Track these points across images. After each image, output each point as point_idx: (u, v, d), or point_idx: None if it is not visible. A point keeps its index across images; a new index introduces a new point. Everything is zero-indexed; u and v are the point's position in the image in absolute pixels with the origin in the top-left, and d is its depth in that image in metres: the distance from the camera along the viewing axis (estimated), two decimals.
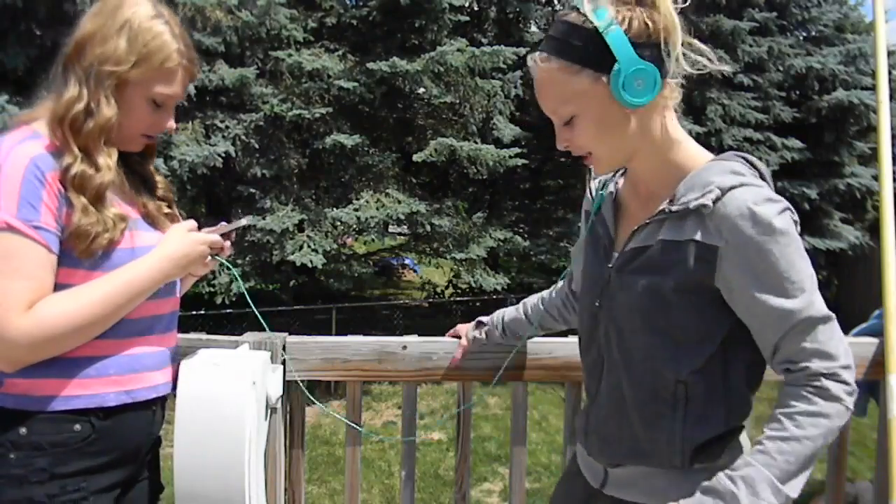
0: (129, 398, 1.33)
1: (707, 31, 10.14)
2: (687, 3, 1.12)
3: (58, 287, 1.25)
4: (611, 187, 1.32)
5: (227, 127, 7.19)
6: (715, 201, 1.09)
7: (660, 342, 1.15)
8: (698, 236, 1.11)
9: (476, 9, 9.17)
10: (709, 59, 1.16)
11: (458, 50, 7.37)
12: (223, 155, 6.77)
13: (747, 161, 1.19)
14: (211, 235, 1.46)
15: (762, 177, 1.18)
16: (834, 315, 1.12)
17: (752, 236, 1.07)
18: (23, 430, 1.24)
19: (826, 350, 1.10)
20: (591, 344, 1.28)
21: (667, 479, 1.19)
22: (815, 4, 11.05)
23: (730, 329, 1.15)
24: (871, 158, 10.99)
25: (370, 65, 7.29)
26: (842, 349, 1.10)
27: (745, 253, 1.08)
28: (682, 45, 1.13)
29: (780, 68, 10.61)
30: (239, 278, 1.75)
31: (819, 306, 1.10)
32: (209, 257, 1.45)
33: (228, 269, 1.57)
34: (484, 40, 8.68)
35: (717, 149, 8.76)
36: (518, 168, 8.08)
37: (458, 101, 8.08)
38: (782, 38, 10.68)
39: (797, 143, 10.32)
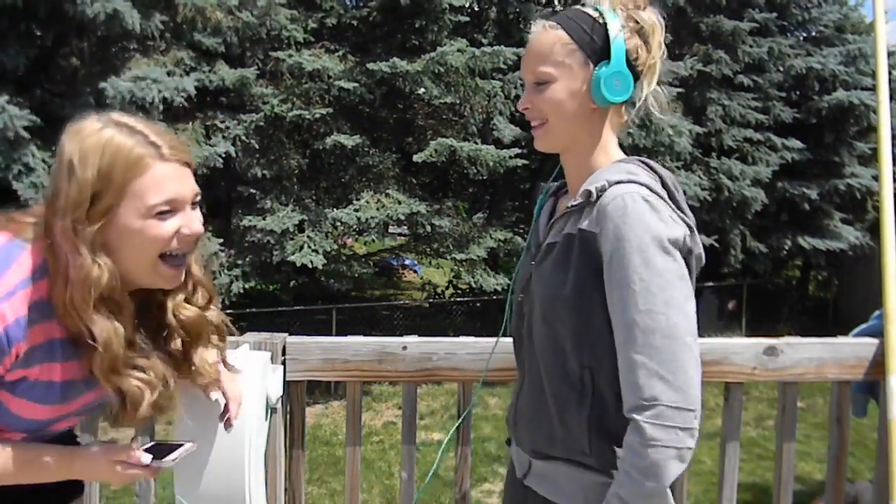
0: None
1: (707, 32, 10.15)
2: (664, 55, 1.28)
3: None
4: (551, 200, 1.42)
5: (227, 127, 7.19)
6: (600, 192, 1.19)
7: (566, 331, 1.21)
8: (584, 225, 1.19)
9: (476, 9, 9.17)
10: (658, 109, 1.30)
11: (459, 50, 7.37)
12: (223, 155, 6.77)
13: (649, 167, 1.27)
14: (133, 471, 1.20)
15: (664, 183, 1.24)
16: (688, 340, 1.12)
17: (617, 225, 1.14)
18: None
19: (657, 380, 1.10)
20: (517, 337, 1.37)
21: (573, 483, 1.24)
22: (815, 5, 11.05)
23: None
24: (871, 158, 10.99)
25: (370, 65, 7.29)
26: (682, 380, 1.11)
27: (609, 240, 1.14)
28: (652, 91, 1.28)
29: (781, 69, 10.62)
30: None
31: (670, 322, 1.11)
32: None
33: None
34: (484, 41, 8.68)
35: (718, 149, 8.70)
36: (518, 168, 8.08)
37: (458, 102, 8.08)
38: (782, 39, 10.69)
39: (797, 144, 10.32)
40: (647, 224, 1.13)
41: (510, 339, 1.70)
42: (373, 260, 11.12)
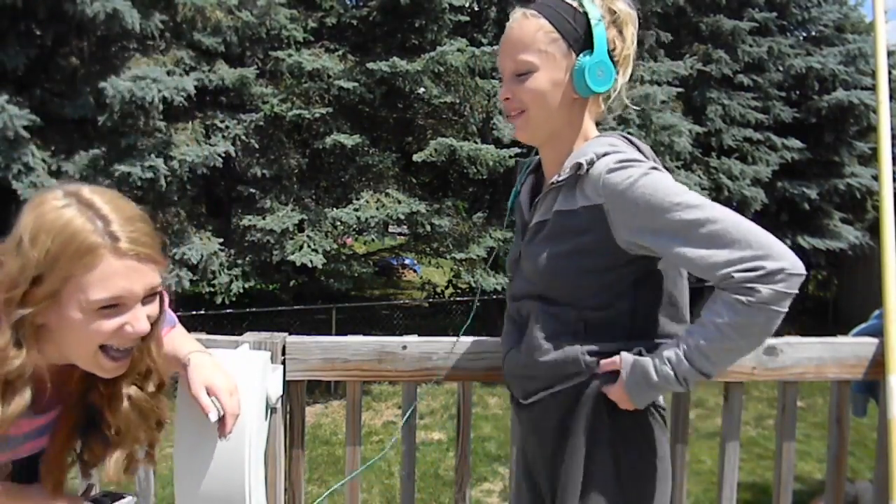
0: None
1: (707, 31, 10.15)
2: (634, 46, 1.30)
3: None
4: (531, 178, 1.44)
5: (227, 127, 7.19)
6: (589, 164, 1.22)
7: (561, 300, 1.27)
8: (584, 202, 1.22)
9: (476, 9, 9.16)
10: (629, 101, 1.34)
11: (458, 50, 7.37)
12: (223, 155, 6.77)
13: (627, 139, 1.31)
14: None
15: (644, 156, 1.27)
16: (730, 210, 1.15)
17: (623, 183, 1.17)
18: None
19: (737, 251, 1.11)
20: (511, 313, 1.41)
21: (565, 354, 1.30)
22: (815, 4, 11.04)
23: (634, 281, 1.25)
24: (871, 158, 10.99)
25: (370, 65, 7.29)
26: (749, 240, 1.11)
27: (621, 202, 1.18)
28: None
29: (780, 68, 10.61)
30: None
31: (716, 211, 1.14)
32: None
33: None
34: (484, 40, 8.67)
35: (718, 149, 8.69)
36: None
37: (458, 101, 8.07)
38: (782, 38, 10.68)
39: (797, 143, 10.32)
40: (641, 167, 1.19)
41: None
42: (373, 259, 11.11)
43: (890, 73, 8.34)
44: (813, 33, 11.38)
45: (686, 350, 1.18)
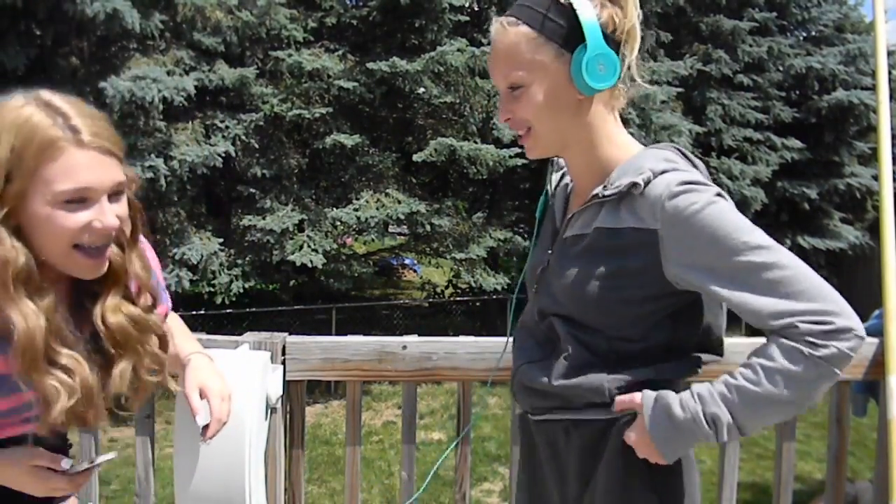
0: None
1: (707, 31, 10.16)
2: (639, 17, 1.14)
3: None
4: (566, 179, 1.32)
5: (227, 127, 7.19)
6: (646, 183, 1.08)
7: (592, 325, 1.15)
8: (634, 223, 1.09)
9: (476, 9, 9.17)
10: (642, 79, 1.17)
11: (458, 50, 7.37)
12: (223, 155, 6.77)
13: (681, 152, 1.18)
14: (53, 483, 1.15)
15: (696, 168, 1.17)
16: (799, 262, 1.04)
17: (685, 214, 1.04)
18: None
19: (803, 302, 1.01)
20: (529, 325, 1.29)
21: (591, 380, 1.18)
22: (815, 4, 11.06)
23: (672, 313, 1.14)
24: (871, 158, 11.00)
25: (370, 65, 7.29)
26: (818, 293, 1.01)
27: (681, 233, 1.05)
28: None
29: (780, 68, 10.62)
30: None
31: (784, 256, 1.03)
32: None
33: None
34: (484, 40, 8.67)
35: (718, 149, 8.69)
36: (518, 168, 8.08)
37: (458, 101, 8.07)
38: (782, 38, 10.70)
39: (797, 143, 10.33)
40: (707, 196, 1.05)
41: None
42: (372, 259, 11.12)
43: (890, 73, 8.34)
44: (813, 33, 11.39)
45: (722, 389, 1.05)
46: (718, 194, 1.07)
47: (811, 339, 0.99)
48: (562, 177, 1.33)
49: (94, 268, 1.09)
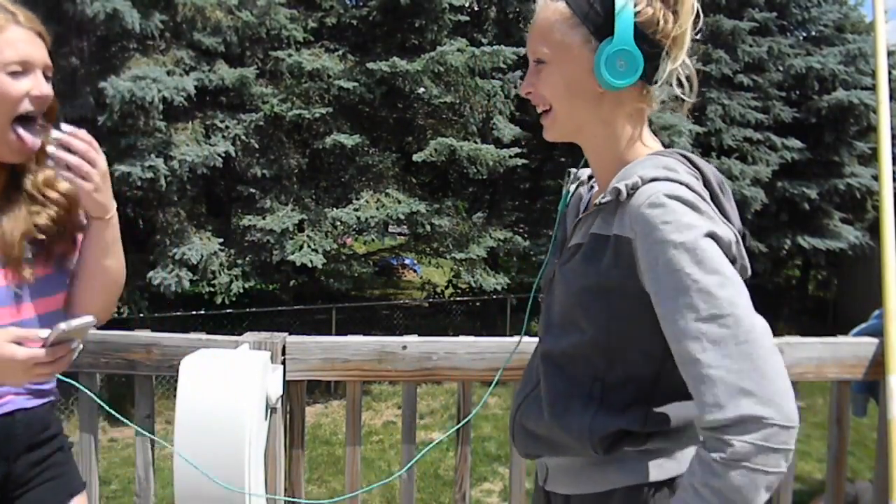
0: None
1: (707, 31, 10.15)
2: (699, 34, 1.09)
3: None
4: (583, 189, 1.29)
5: (227, 127, 7.19)
6: (633, 189, 1.03)
7: (582, 338, 1.09)
8: (618, 230, 1.04)
9: (476, 9, 9.17)
10: (687, 90, 1.12)
11: (458, 50, 7.38)
12: (223, 155, 6.78)
13: (689, 161, 1.11)
14: (33, 351, 1.11)
15: (706, 181, 1.09)
16: (767, 342, 0.95)
17: (656, 227, 0.97)
18: None
19: (711, 395, 0.92)
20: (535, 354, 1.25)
21: (589, 467, 1.14)
22: (815, 4, 11.06)
23: (662, 336, 1.02)
24: (871, 158, 11.00)
25: (370, 65, 7.29)
26: (771, 391, 0.92)
27: (649, 246, 0.98)
28: (680, 65, 1.10)
29: (780, 68, 10.62)
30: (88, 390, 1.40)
31: (742, 325, 0.93)
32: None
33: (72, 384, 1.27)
34: (484, 40, 8.68)
35: (718, 149, 8.68)
36: (518, 168, 8.09)
37: (458, 101, 8.07)
38: (782, 38, 10.70)
39: (797, 143, 10.33)
40: (690, 221, 0.97)
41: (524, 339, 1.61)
42: (372, 259, 11.12)
43: (890, 73, 8.34)
44: (813, 33, 11.39)
45: None
46: (707, 234, 0.97)
47: (719, 438, 0.91)
48: (577, 187, 1.31)
49: (27, 148, 1.22)
